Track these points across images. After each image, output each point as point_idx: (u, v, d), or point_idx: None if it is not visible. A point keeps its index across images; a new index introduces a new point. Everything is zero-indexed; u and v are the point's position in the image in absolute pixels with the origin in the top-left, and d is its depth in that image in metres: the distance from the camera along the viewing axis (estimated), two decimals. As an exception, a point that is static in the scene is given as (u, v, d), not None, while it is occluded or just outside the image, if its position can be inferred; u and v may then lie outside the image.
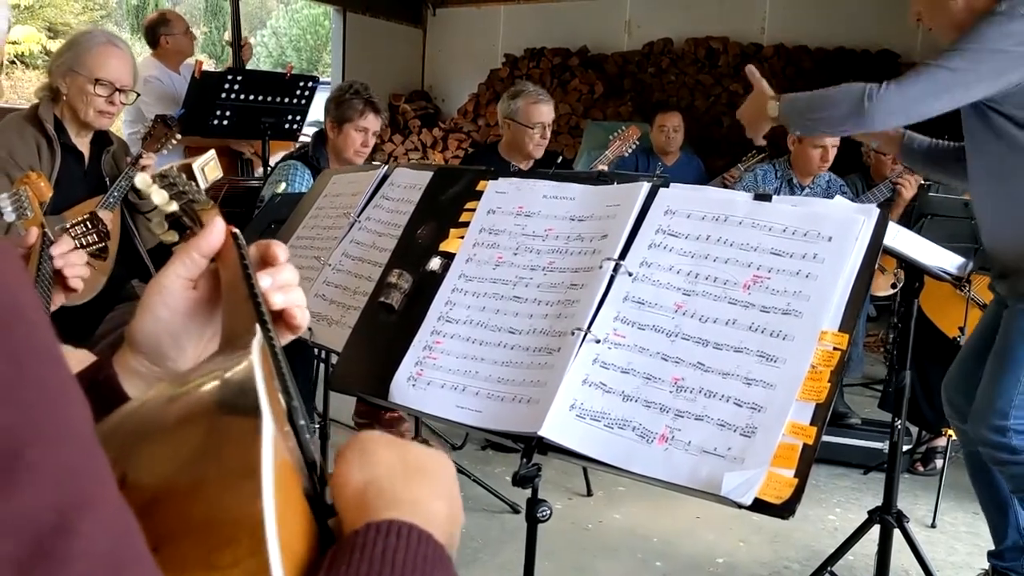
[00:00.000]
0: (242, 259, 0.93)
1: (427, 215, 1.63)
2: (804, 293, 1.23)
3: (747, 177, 4.42)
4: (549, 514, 1.38)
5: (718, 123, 7.61)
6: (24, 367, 0.44)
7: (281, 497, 0.57)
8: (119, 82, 2.95)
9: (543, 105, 4.11)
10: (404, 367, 1.43)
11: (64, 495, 0.42)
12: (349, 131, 3.55)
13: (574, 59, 8.07)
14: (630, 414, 1.23)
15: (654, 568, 3.11)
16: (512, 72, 8.22)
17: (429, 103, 8.73)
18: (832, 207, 1.31)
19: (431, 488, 0.68)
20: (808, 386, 1.16)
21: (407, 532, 0.60)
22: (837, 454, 4.03)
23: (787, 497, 1.10)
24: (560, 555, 3.18)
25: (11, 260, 0.49)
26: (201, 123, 4.69)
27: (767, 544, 3.33)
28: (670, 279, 1.33)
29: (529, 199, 1.52)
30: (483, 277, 1.48)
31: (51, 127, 2.91)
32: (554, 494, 3.58)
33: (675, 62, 7.84)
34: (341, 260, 1.86)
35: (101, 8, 14.12)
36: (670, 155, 5.67)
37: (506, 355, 1.37)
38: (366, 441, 0.70)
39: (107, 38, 3.05)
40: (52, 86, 2.99)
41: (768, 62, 7.45)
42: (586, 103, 7.89)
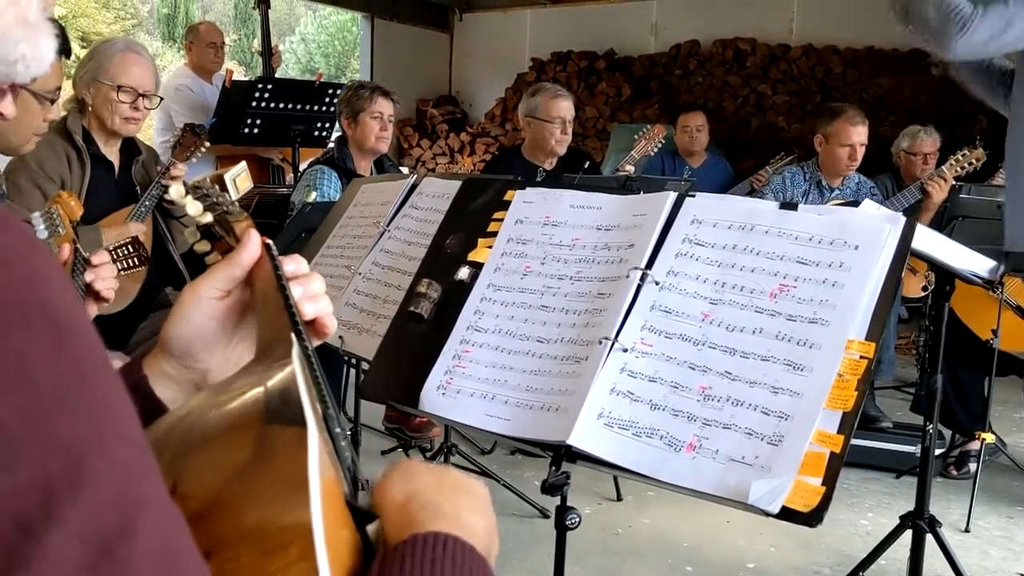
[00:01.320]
0: (276, 269, 0.95)
1: (455, 225, 1.65)
2: (831, 302, 1.24)
3: (775, 180, 4.40)
4: (578, 522, 1.39)
5: (746, 124, 7.57)
6: (81, 376, 0.47)
7: (327, 504, 0.59)
8: (141, 87, 3.00)
9: (562, 100, 4.13)
10: (433, 376, 1.45)
11: (122, 497, 0.45)
12: (364, 120, 3.60)
13: (601, 62, 8.07)
14: (658, 423, 1.24)
15: (684, 573, 3.11)
16: (539, 76, 8.23)
17: (456, 108, 8.76)
18: (858, 215, 1.31)
19: (470, 504, 0.70)
20: (835, 395, 1.17)
21: (452, 544, 0.62)
22: (869, 458, 4.00)
23: (815, 505, 1.11)
24: (589, 560, 3.18)
25: (64, 276, 0.52)
26: (232, 131, 4.75)
27: (797, 549, 3.31)
28: (697, 288, 1.33)
29: (556, 209, 1.54)
30: (511, 286, 1.49)
31: (79, 138, 2.96)
32: (583, 499, 3.59)
33: (702, 64, 7.82)
34: (371, 269, 1.89)
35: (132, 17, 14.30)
36: (695, 156, 5.65)
37: (534, 364, 1.39)
38: (408, 464, 0.74)
39: (127, 45, 3.10)
40: (78, 97, 3.04)
41: (796, 63, 7.42)
42: (613, 106, 7.88)
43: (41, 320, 0.47)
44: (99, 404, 0.47)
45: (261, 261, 0.98)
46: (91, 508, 0.43)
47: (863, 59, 7.15)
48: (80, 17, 12.85)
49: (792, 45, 7.46)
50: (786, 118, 7.38)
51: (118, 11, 13.76)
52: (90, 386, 0.47)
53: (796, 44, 7.44)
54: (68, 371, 0.46)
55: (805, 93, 7.34)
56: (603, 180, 3.77)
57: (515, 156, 4.27)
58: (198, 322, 0.95)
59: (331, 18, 15.00)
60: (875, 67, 7.09)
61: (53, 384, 0.45)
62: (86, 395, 0.47)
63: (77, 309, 0.50)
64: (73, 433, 0.44)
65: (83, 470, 0.44)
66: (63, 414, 0.45)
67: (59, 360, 0.46)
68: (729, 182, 5.58)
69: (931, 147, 4.68)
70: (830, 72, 7.28)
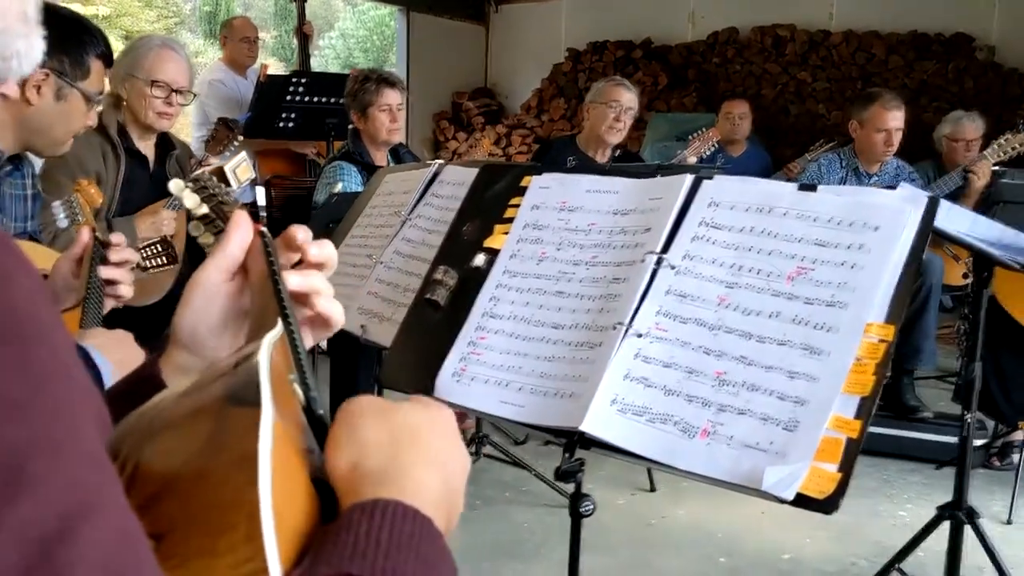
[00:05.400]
0: (268, 256, 0.96)
1: (472, 212, 1.64)
2: (849, 284, 1.21)
3: (811, 167, 4.33)
4: (592, 509, 1.38)
5: (785, 112, 7.47)
6: (34, 385, 0.47)
7: (283, 484, 0.58)
8: (175, 83, 3.04)
9: (623, 89, 4.18)
10: (449, 363, 1.44)
11: (67, 505, 0.45)
12: (373, 114, 3.60)
13: (637, 51, 8.01)
14: (672, 409, 1.22)
15: (718, 564, 3.08)
16: (575, 66, 8.20)
17: (492, 100, 8.75)
18: (879, 195, 1.28)
19: (422, 454, 0.67)
20: (853, 379, 1.14)
21: (392, 510, 0.60)
22: (909, 449, 3.94)
23: (830, 492, 1.08)
24: (622, 551, 3.17)
25: (31, 277, 0.52)
26: (268, 126, 4.79)
27: (834, 540, 3.27)
28: (713, 272, 1.31)
29: (573, 193, 1.52)
30: (527, 273, 1.48)
31: (115, 133, 3.00)
32: (617, 489, 3.57)
33: (740, 51, 7.72)
34: (392, 258, 1.88)
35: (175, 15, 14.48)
36: (736, 144, 5.58)
37: (549, 350, 1.38)
38: (352, 414, 0.70)
39: (162, 41, 3.14)
40: (114, 93, 3.08)
41: (836, 49, 7.30)
42: (650, 95, 7.81)
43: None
44: (52, 413, 0.47)
45: (256, 248, 0.98)
46: (30, 513, 0.43)
47: (906, 44, 7.02)
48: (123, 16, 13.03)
49: (832, 31, 7.34)
50: (826, 105, 7.27)
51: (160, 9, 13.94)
52: (43, 395, 0.47)
53: (836, 30, 7.32)
54: (16, 377, 0.46)
55: (846, 80, 7.22)
56: (634, 167, 3.73)
57: (569, 145, 4.29)
58: (201, 309, 0.95)
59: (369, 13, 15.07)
60: (918, 52, 6.95)
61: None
62: (38, 403, 0.46)
63: (42, 313, 0.50)
64: (16, 438, 0.44)
65: (24, 475, 0.44)
66: (7, 420, 0.44)
67: (7, 366, 0.46)
68: (767, 172, 5.51)
69: (974, 133, 4.58)
70: (871, 58, 7.15)
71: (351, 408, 0.73)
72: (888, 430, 3.96)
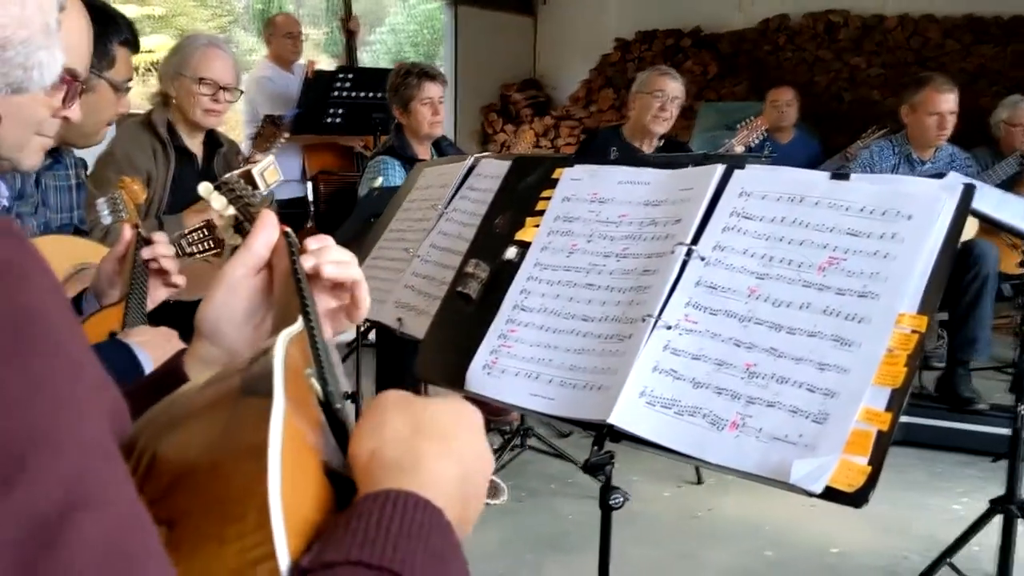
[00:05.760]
0: (291, 255, 0.99)
1: (504, 205, 1.64)
2: (882, 274, 1.19)
3: (863, 154, 4.25)
4: (622, 502, 1.37)
5: (839, 99, 7.34)
6: (37, 381, 0.48)
7: (293, 474, 0.59)
8: (222, 80, 3.09)
9: (669, 78, 4.16)
10: (480, 355, 1.44)
11: (68, 495, 0.46)
12: (415, 108, 3.62)
13: (686, 40, 7.93)
14: (701, 401, 1.21)
15: (764, 557, 3.05)
16: (623, 56, 8.15)
17: (540, 92, 8.74)
18: (913, 183, 1.25)
19: (440, 448, 0.68)
20: (884, 371, 1.12)
21: (403, 500, 0.61)
22: (963, 441, 3.86)
23: (860, 485, 1.06)
24: (667, 543, 3.15)
25: (46, 276, 0.53)
26: (315, 121, 4.84)
27: (884, 534, 3.22)
28: (744, 263, 1.30)
29: (604, 185, 1.51)
30: (557, 265, 1.48)
31: (164, 131, 3.06)
32: (663, 482, 3.55)
33: (792, 38, 7.61)
34: (429, 251, 1.89)
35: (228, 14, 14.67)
36: (783, 132, 5.51)
37: (579, 342, 1.37)
38: (379, 407, 0.71)
39: (209, 40, 3.20)
40: (163, 91, 3.14)
41: (891, 34, 7.15)
42: (699, 84, 7.74)
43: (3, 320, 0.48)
44: (54, 407, 0.48)
45: (281, 247, 1.01)
46: (24, 499, 0.44)
47: (962, 28, 6.85)
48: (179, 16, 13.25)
49: (887, 15, 7.19)
50: (880, 92, 7.12)
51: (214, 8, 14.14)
52: (46, 390, 0.48)
53: (891, 14, 7.17)
54: (19, 373, 0.47)
55: (900, 65, 7.07)
56: (678, 157, 3.70)
57: (614, 136, 4.28)
58: (224, 303, 0.98)
59: (418, 8, 15.12)
60: (975, 35, 6.78)
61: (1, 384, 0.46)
62: (40, 398, 0.48)
63: (52, 312, 0.52)
64: (17, 431, 0.46)
65: (24, 465, 0.45)
66: (8, 415, 0.46)
67: (11, 362, 0.47)
68: (816, 161, 5.42)
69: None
70: (927, 42, 6.99)
71: (378, 401, 0.74)
72: (942, 422, 3.88)
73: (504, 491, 3.40)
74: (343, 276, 0.97)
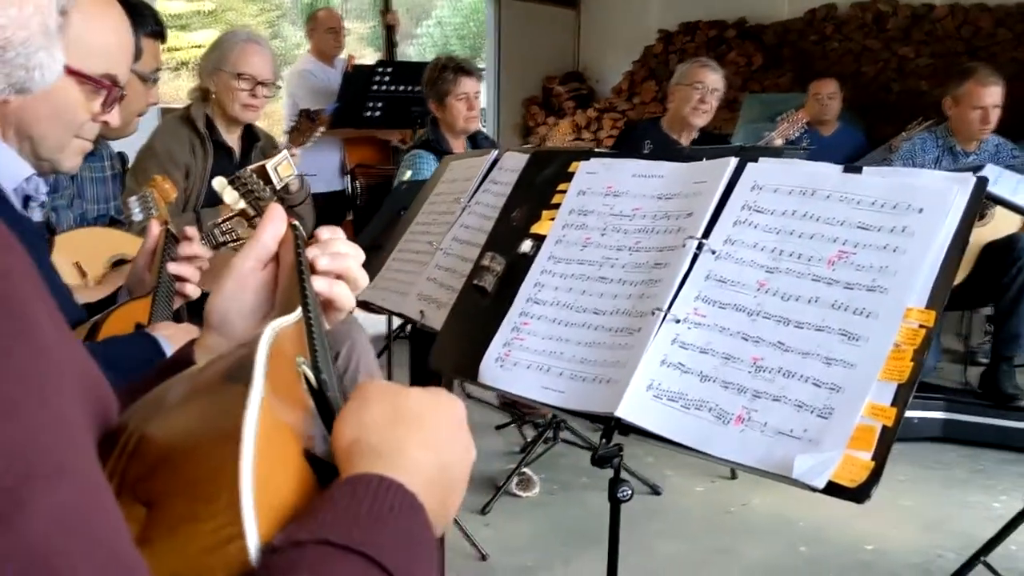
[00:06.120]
0: (296, 248, 1.01)
1: (521, 198, 1.65)
2: (891, 269, 1.17)
3: (905, 147, 4.18)
4: (630, 494, 1.38)
5: (887, 90, 7.21)
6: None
7: (269, 458, 0.61)
8: (260, 76, 3.13)
9: (709, 70, 4.14)
10: (493, 348, 1.45)
11: (25, 467, 0.47)
12: (451, 103, 3.63)
13: (731, 31, 7.84)
14: (707, 395, 1.21)
15: (797, 553, 3.03)
16: (667, 48, 8.08)
17: (583, 84, 8.71)
18: (925, 177, 1.23)
19: (421, 436, 0.70)
20: (891, 366, 1.11)
21: (376, 484, 0.62)
22: (1007, 438, 3.79)
23: (862, 480, 1.06)
24: (700, 537, 3.14)
25: (26, 272, 0.55)
26: (355, 115, 4.89)
27: (922, 531, 3.17)
28: (754, 256, 1.29)
29: (619, 178, 1.51)
30: (571, 258, 1.48)
31: (202, 125, 3.11)
32: (697, 477, 3.54)
33: (839, 28, 7.48)
34: (451, 244, 1.91)
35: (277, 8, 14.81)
36: (827, 124, 5.43)
37: (590, 335, 1.38)
38: (362, 395, 0.73)
39: (248, 36, 3.25)
40: (202, 87, 3.19)
41: (941, 23, 7.00)
42: (744, 76, 7.65)
43: None
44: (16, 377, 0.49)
45: (288, 239, 1.04)
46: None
47: (1014, 16, 6.68)
48: (228, 11, 13.42)
49: (936, 4, 7.04)
50: (929, 82, 6.98)
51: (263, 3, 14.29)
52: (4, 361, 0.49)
53: (941, 3, 7.01)
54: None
55: (950, 55, 6.91)
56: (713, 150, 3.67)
57: (652, 127, 4.27)
58: (232, 294, 1.01)
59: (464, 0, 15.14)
60: (1029, 24, 6.62)
61: None
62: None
63: (23, 292, 0.53)
64: None
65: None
66: None
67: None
68: (861, 151, 5.34)
69: (1084, 107, 4.34)
70: (978, 31, 6.83)
71: (362, 389, 0.76)
72: (986, 419, 3.82)
73: (536, 484, 3.41)
74: (335, 268, 0.98)
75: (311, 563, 0.54)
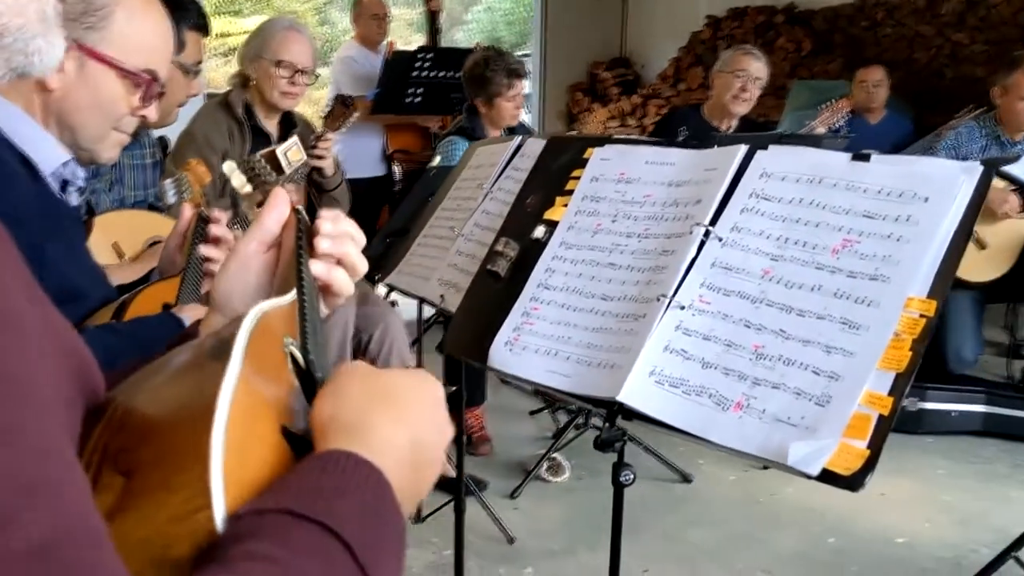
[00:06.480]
0: (298, 231, 1.03)
1: (537, 184, 1.66)
2: (894, 258, 1.16)
3: (949, 135, 4.10)
4: (632, 479, 1.38)
5: (939, 76, 7.05)
6: None
7: (243, 433, 0.63)
8: (299, 63, 3.17)
9: (752, 58, 4.11)
10: (503, 332, 1.47)
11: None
12: (500, 104, 3.65)
13: (780, 16, 7.73)
14: (708, 381, 1.21)
15: (825, 544, 3.01)
16: (714, 34, 8.00)
17: (629, 70, 8.65)
18: (932, 165, 1.22)
19: (394, 414, 0.71)
20: (890, 355, 1.10)
21: (343, 459, 0.64)
22: (1051, 433, 3.72)
23: (856, 469, 1.06)
24: (727, 525, 3.14)
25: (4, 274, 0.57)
26: (396, 101, 4.92)
27: (956, 525, 3.13)
28: (760, 244, 1.29)
29: (631, 165, 1.52)
30: (582, 245, 1.49)
31: (240, 111, 3.16)
32: (729, 466, 3.53)
33: (891, 13, 7.33)
34: (472, 230, 1.93)
35: (326, -6, 14.89)
36: (873, 112, 5.34)
37: (597, 321, 1.39)
38: (342, 374, 0.75)
39: (289, 24, 3.29)
40: (242, 73, 3.25)
41: (997, 8, 6.83)
42: (792, 62, 7.54)
43: None
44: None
45: (291, 223, 1.06)
46: None
47: (1074, 1, 6.50)
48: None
49: (994, -13, 6.87)
50: (984, 69, 6.82)
51: (312, -10, 14.40)
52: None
53: (996, -12, 6.84)
54: None
55: (1007, 41, 6.74)
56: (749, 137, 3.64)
57: (693, 114, 4.25)
58: (236, 276, 1.03)
59: (514, -14, 15.11)
60: (1092, 8, 6.43)
61: None
62: None
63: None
64: None
65: None
66: None
67: None
68: (909, 139, 5.25)
69: None
70: (1036, 17, 6.66)
71: (343, 369, 0.78)
72: (1027, 413, 3.75)
73: (566, 469, 3.43)
74: (336, 252, 1.00)
75: (271, 530, 0.56)
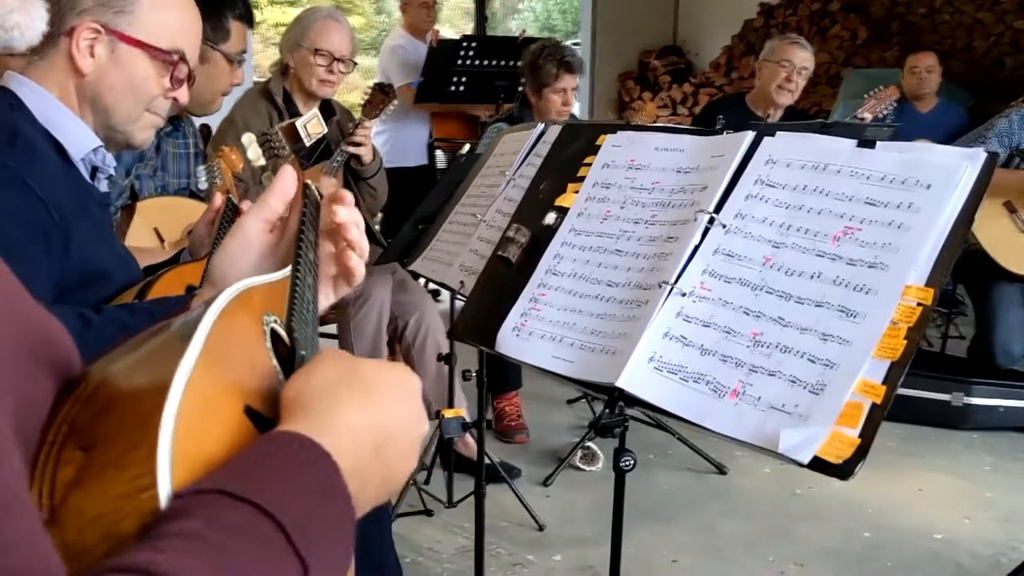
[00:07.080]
0: (304, 207, 1.04)
1: (550, 170, 1.66)
2: (894, 245, 1.15)
3: (1000, 123, 4.00)
4: (633, 464, 1.38)
5: (999, 65, 6.88)
6: None
7: (201, 412, 0.64)
8: (338, 52, 3.22)
9: (798, 48, 4.08)
10: (511, 317, 1.48)
11: None
12: (548, 95, 3.67)
13: (835, 3, 7.60)
14: (706, 368, 1.21)
15: (860, 539, 2.97)
16: (767, 22, 7.90)
17: (680, 58, 8.58)
18: (936, 151, 1.20)
19: (359, 399, 0.71)
20: (885, 343, 1.09)
21: (290, 440, 0.64)
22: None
23: (847, 457, 1.05)
24: (762, 518, 3.11)
25: None
26: (440, 90, 4.95)
27: (997, 523, 3.07)
28: (762, 231, 1.28)
29: (641, 152, 1.51)
30: (591, 231, 1.49)
31: (280, 99, 3.21)
32: (764, 459, 3.48)
33: (950, 0, 7.17)
34: (494, 217, 1.94)
35: (369, -17, 14.97)
36: (924, 100, 5.23)
37: (602, 307, 1.39)
38: (320, 357, 0.75)
39: (328, 13, 3.33)
40: (282, 61, 3.30)
41: (1060, -8, 6.64)
42: (848, 50, 7.42)
43: None
44: None
45: (298, 199, 1.07)
46: None
47: None
48: (335, -14, 13.67)
49: (1055, -26, 6.68)
50: (1046, 56, 6.65)
51: (366, -21, 14.50)
52: None
53: (1059, -28, 6.66)
54: None
55: (1073, 28, 6.57)
56: (794, 125, 3.60)
57: (737, 103, 4.23)
58: (236, 254, 1.04)
59: (568, -25, 15.07)
60: None
61: None
62: None
63: None
64: None
65: None
66: None
67: None
68: (963, 127, 5.12)
69: None
70: (1102, 1, 6.46)
71: (323, 352, 0.79)
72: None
73: (600, 458, 3.43)
74: (344, 220, 0.99)
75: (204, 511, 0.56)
